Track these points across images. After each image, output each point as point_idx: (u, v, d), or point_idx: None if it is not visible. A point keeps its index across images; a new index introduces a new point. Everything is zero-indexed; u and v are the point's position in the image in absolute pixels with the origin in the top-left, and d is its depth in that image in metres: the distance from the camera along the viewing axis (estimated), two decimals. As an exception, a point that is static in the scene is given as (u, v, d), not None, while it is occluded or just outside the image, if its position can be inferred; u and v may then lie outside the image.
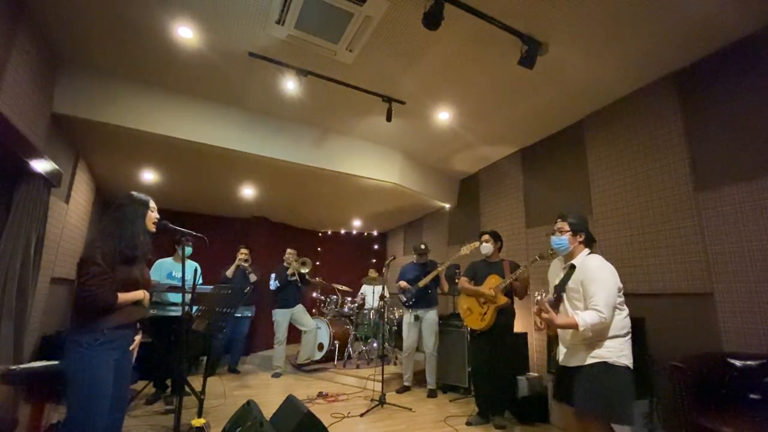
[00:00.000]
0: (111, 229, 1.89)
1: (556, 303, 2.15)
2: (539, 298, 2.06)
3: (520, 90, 3.47)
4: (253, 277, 4.98)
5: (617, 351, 1.95)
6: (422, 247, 4.32)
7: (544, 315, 1.98)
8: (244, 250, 5.06)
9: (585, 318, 1.91)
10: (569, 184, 4.00)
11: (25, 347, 2.75)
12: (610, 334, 1.96)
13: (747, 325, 2.55)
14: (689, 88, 3.04)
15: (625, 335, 2.00)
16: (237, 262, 4.97)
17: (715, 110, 2.87)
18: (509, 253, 4.30)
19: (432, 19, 2.42)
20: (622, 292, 2.05)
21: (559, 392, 2.21)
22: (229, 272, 4.91)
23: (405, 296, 4.21)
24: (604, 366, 1.93)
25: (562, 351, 2.17)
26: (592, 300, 1.94)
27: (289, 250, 5.22)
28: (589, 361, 1.98)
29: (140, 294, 1.94)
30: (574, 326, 1.92)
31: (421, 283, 4.06)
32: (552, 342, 3.31)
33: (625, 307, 2.05)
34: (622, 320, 2.00)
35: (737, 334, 2.59)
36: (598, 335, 1.97)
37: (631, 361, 1.97)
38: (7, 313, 2.52)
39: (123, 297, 1.83)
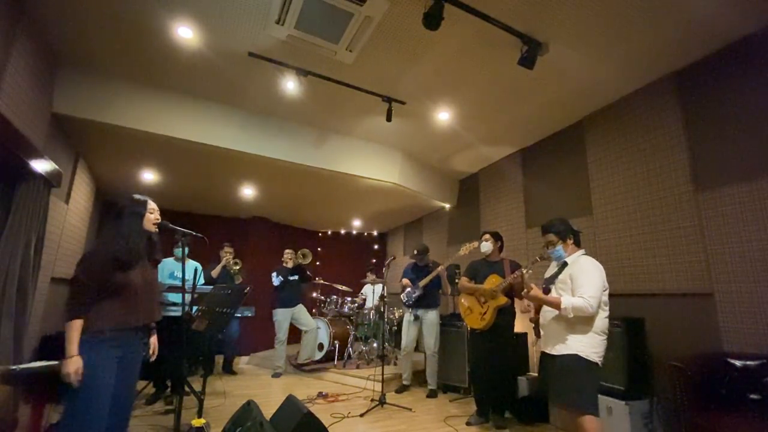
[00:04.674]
0: (110, 235, 1.90)
1: (545, 293, 2.34)
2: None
3: (520, 90, 3.47)
4: (238, 279, 4.85)
5: (590, 347, 2.09)
6: (421, 249, 4.32)
7: (532, 293, 2.23)
8: (228, 249, 4.84)
9: (570, 299, 2.10)
10: (569, 184, 3.99)
11: (25, 347, 2.75)
12: (590, 330, 2.11)
13: (747, 325, 2.55)
14: (689, 88, 3.04)
15: (601, 334, 2.13)
16: (223, 262, 4.76)
17: (715, 110, 2.87)
18: (509, 254, 4.29)
19: (432, 20, 2.42)
20: (607, 292, 2.19)
21: (540, 380, 2.40)
22: (215, 272, 4.70)
23: (406, 296, 4.21)
24: (575, 358, 2.08)
25: (544, 337, 2.35)
26: (581, 289, 2.11)
27: (287, 251, 5.21)
28: (564, 351, 2.13)
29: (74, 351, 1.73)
30: (557, 304, 2.13)
31: (422, 283, 4.07)
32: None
33: (607, 309, 2.19)
34: (602, 320, 2.14)
35: (737, 334, 2.59)
36: (579, 326, 2.12)
37: (601, 359, 2.13)
38: (7, 313, 2.52)
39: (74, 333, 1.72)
